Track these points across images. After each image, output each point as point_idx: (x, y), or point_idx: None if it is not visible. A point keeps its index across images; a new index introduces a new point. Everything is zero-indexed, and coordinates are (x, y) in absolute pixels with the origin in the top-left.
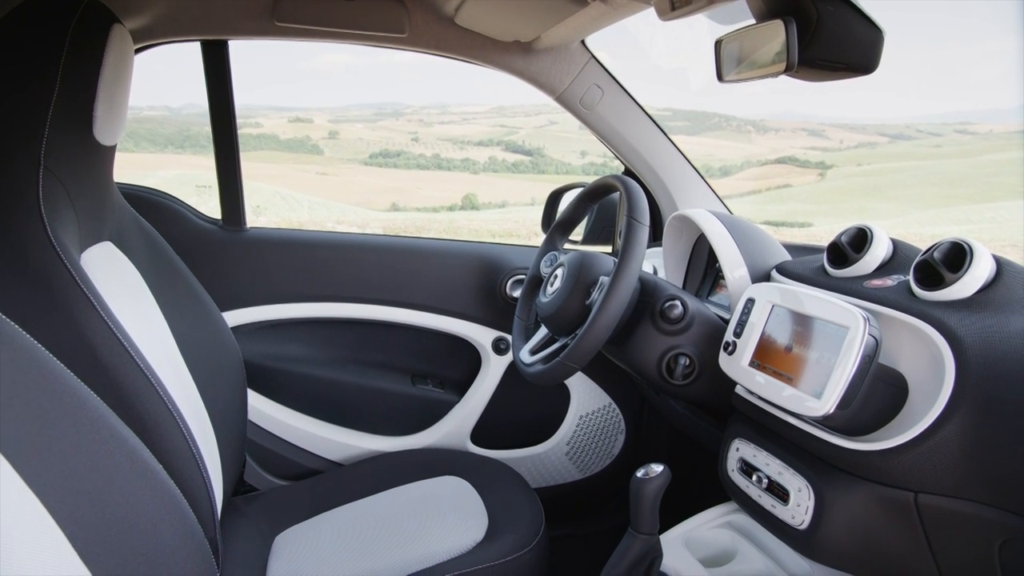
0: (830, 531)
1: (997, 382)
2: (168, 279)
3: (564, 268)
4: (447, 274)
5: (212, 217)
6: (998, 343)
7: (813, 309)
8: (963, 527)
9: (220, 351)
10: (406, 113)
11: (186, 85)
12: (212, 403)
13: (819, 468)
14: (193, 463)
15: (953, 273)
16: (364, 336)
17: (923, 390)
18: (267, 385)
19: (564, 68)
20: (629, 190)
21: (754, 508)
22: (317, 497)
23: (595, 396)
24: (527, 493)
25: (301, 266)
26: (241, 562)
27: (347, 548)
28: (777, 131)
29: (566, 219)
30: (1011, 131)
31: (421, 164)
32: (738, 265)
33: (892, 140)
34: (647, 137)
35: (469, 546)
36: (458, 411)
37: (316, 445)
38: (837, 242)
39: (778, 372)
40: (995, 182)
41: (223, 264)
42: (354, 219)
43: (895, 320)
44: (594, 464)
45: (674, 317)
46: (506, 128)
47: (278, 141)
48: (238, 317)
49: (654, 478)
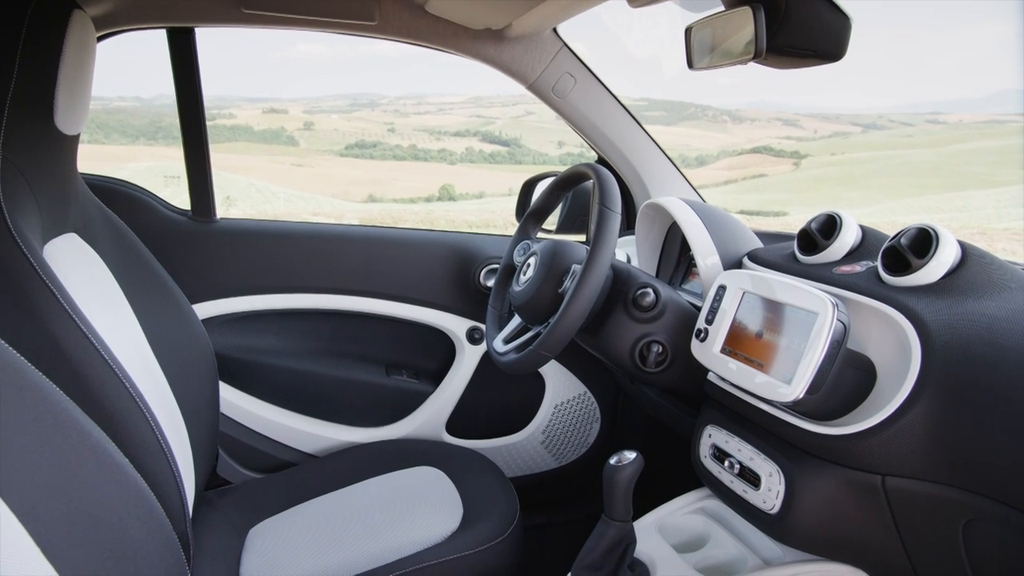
0: (800, 515)
1: (961, 366)
2: (136, 271)
3: (537, 257)
4: (421, 264)
5: (181, 208)
6: (963, 327)
7: (783, 295)
8: (929, 508)
9: (191, 344)
10: (382, 104)
11: (157, 75)
12: (183, 396)
13: (789, 453)
14: (162, 457)
15: (919, 259)
16: (337, 327)
17: (891, 374)
18: (239, 378)
19: (536, 56)
20: (601, 178)
21: (726, 494)
22: (291, 489)
23: (570, 385)
24: (502, 482)
25: (273, 257)
26: (214, 556)
27: (321, 540)
28: (752, 121)
29: (539, 208)
30: (980, 121)
31: (398, 155)
32: (710, 253)
33: (865, 130)
34: (620, 126)
35: (444, 536)
36: (433, 401)
37: (290, 437)
38: (807, 229)
39: (749, 358)
40: (964, 171)
41: (193, 256)
42: (330, 211)
43: (863, 305)
44: (570, 453)
45: (646, 305)
46: (483, 118)
47: (252, 132)
48: (209, 309)
49: (627, 465)
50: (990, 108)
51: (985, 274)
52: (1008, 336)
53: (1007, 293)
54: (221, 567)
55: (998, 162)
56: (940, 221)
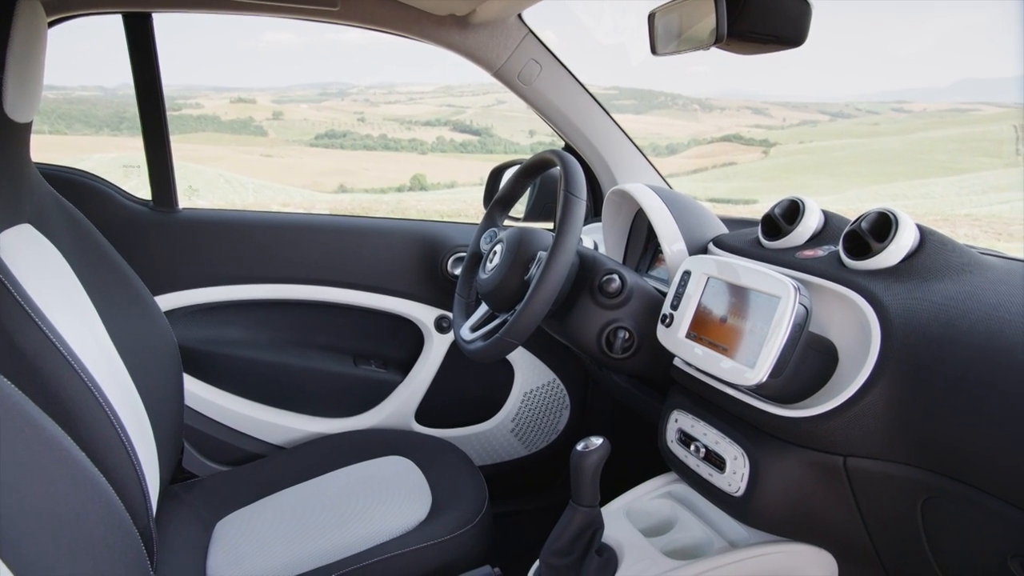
0: (764, 497)
1: (919, 348)
2: (95, 262)
3: (503, 244)
4: (387, 253)
5: (142, 198)
6: (921, 310)
7: (747, 280)
8: (888, 487)
9: (153, 336)
10: (352, 93)
11: (120, 64)
12: (146, 390)
13: (754, 436)
14: (122, 451)
15: (879, 243)
16: (304, 317)
17: (852, 357)
18: (204, 370)
19: (501, 43)
20: (565, 165)
21: (692, 477)
22: (259, 481)
23: (539, 372)
24: (471, 470)
25: (237, 247)
26: (180, 550)
27: (290, 531)
28: (722, 110)
29: (505, 195)
30: (943, 109)
31: (368, 145)
32: (676, 239)
33: (832, 118)
34: (586, 113)
35: (412, 525)
36: (402, 391)
37: (257, 429)
38: (771, 214)
39: (714, 343)
40: (929, 159)
41: (155, 247)
42: (301, 201)
43: (825, 289)
44: (539, 440)
45: (612, 291)
46: (454, 108)
47: (220, 122)
48: (172, 301)
49: (593, 451)
50: (953, 97)
51: (943, 257)
52: (963, 318)
53: (964, 276)
54: (187, 561)
55: (960, 150)
56: (905, 208)
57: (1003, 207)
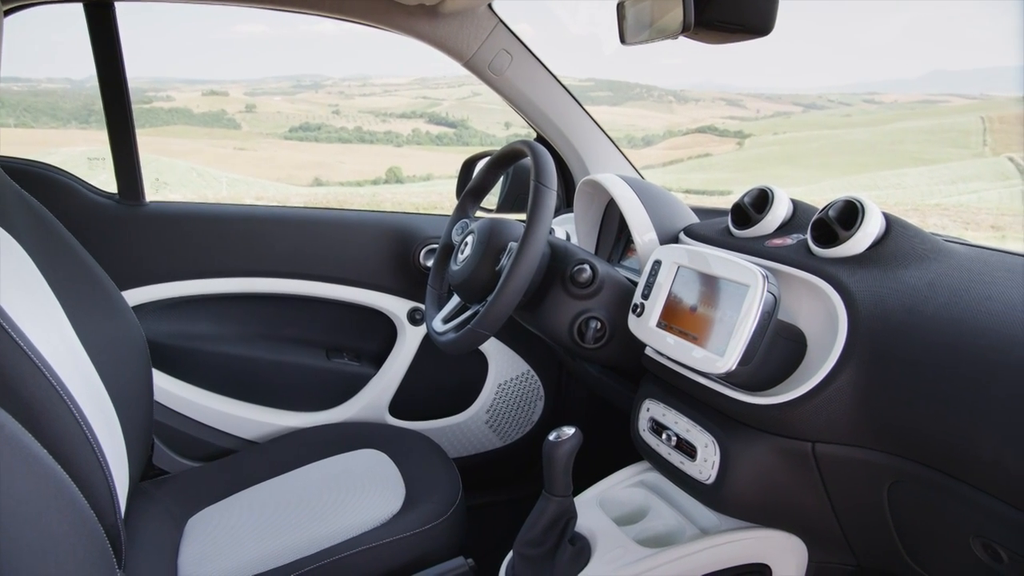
0: (734, 484)
1: (884, 334)
2: (59, 257)
3: (474, 235)
4: (360, 245)
5: (107, 191)
6: (886, 297)
7: (716, 269)
8: (856, 472)
9: (120, 331)
10: (326, 85)
11: (88, 56)
12: (114, 386)
13: (724, 424)
14: (88, 448)
15: (846, 231)
16: (275, 311)
17: (820, 344)
18: (174, 365)
19: (471, 33)
20: (536, 155)
21: (664, 466)
22: (231, 477)
23: (513, 363)
24: (444, 462)
25: (206, 240)
26: (150, 547)
27: (262, 526)
28: (697, 101)
29: (477, 186)
30: (913, 101)
31: (343, 137)
32: (647, 229)
33: (806, 109)
34: (557, 103)
35: (386, 517)
36: (375, 384)
37: (229, 424)
38: (740, 203)
39: (684, 332)
40: (900, 150)
41: (121, 240)
42: (275, 195)
43: (794, 277)
44: (514, 431)
45: (583, 281)
46: (429, 100)
47: (192, 115)
48: (140, 296)
49: (565, 441)
50: (922, 88)
51: (908, 245)
52: (927, 304)
53: (928, 263)
54: (158, 558)
55: (930, 141)
56: (877, 198)
57: (971, 197)
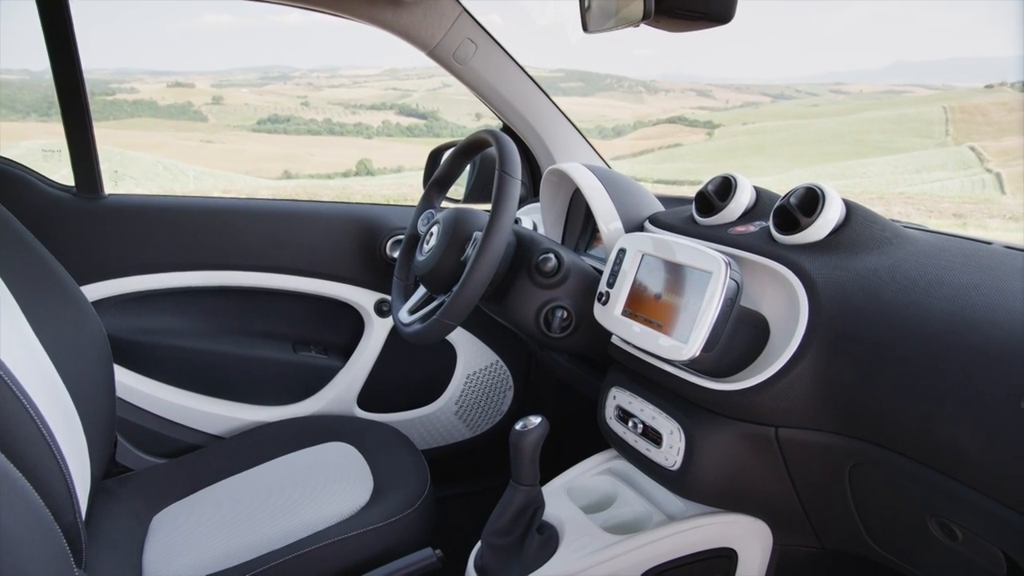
0: (700, 470)
1: (844, 319)
2: (14, 252)
3: (439, 225)
4: (325, 237)
5: (64, 184)
6: (846, 281)
7: (680, 256)
8: (818, 456)
9: (79, 326)
10: (294, 77)
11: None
12: (73, 383)
13: (689, 411)
14: (44, 447)
15: (807, 217)
16: (240, 304)
17: (782, 330)
18: (137, 360)
19: (435, 22)
20: (500, 144)
21: (631, 453)
22: (197, 473)
23: (482, 354)
24: (412, 454)
25: (167, 234)
26: (113, 546)
27: (228, 521)
28: (667, 92)
29: (442, 176)
30: (879, 91)
31: (312, 129)
32: (612, 218)
33: (774, 100)
34: (523, 92)
35: (354, 510)
36: (343, 376)
37: (194, 419)
38: (704, 191)
39: (649, 319)
40: (866, 139)
41: (79, 234)
42: (243, 188)
43: (757, 264)
44: (484, 422)
45: (548, 270)
46: (399, 91)
47: (157, 108)
48: (99, 290)
49: (532, 430)
50: (887, 79)
51: (868, 231)
52: (886, 288)
53: (888, 248)
54: (121, 557)
55: (895, 130)
56: (844, 187)
57: (934, 185)
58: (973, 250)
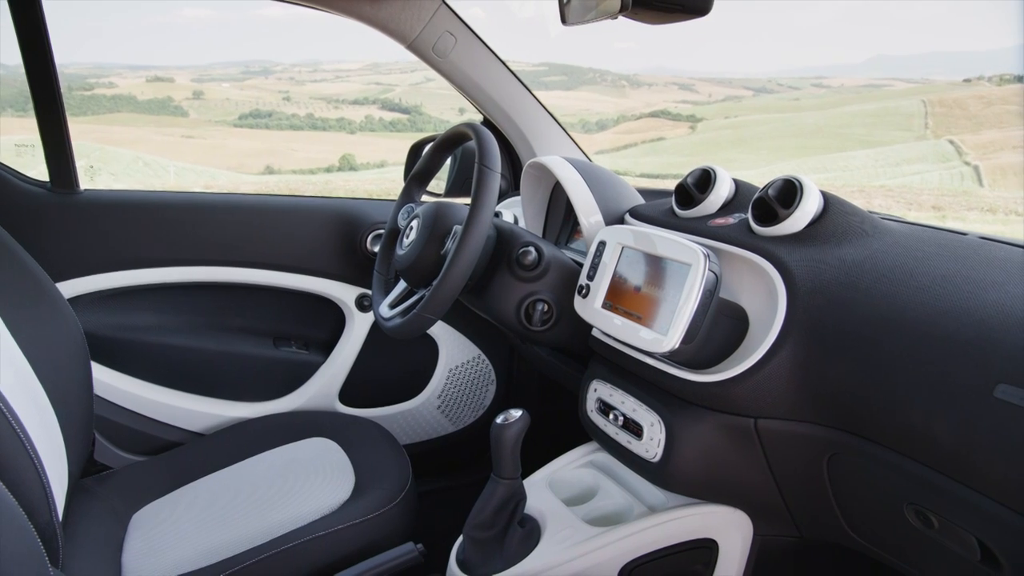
0: (680, 461)
1: (821, 309)
2: None
3: (419, 219)
4: (305, 232)
5: (39, 180)
6: (823, 272)
7: (659, 249)
8: (797, 446)
9: (56, 324)
10: (276, 71)
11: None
12: (49, 381)
13: (669, 403)
14: (18, 445)
15: (786, 209)
16: (219, 300)
17: (761, 321)
18: (115, 357)
19: (414, 14)
20: (479, 137)
21: (612, 445)
22: (176, 470)
23: (464, 348)
24: (395, 449)
25: (144, 229)
26: (91, 545)
27: (209, 519)
28: (650, 86)
29: (422, 170)
30: (859, 85)
31: (295, 124)
32: (592, 211)
33: (756, 93)
34: (503, 85)
35: (335, 505)
36: (324, 372)
37: (174, 417)
38: (684, 184)
39: (629, 312)
40: (847, 133)
41: (55, 230)
42: (225, 183)
43: (736, 256)
44: (467, 416)
45: (529, 263)
46: (382, 86)
47: (136, 103)
48: (76, 287)
49: (513, 423)
50: (867, 73)
51: (845, 222)
52: (863, 279)
53: (864, 239)
54: (99, 556)
55: (876, 124)
56: (825, 180)
57: (914, 178)
58: (949, 241)
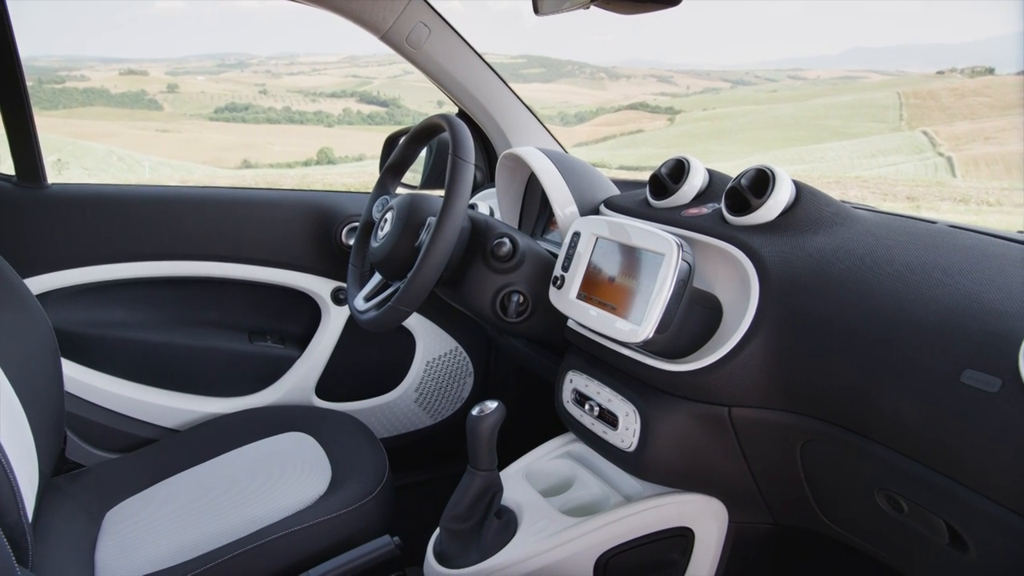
0: (655, 450)
1: (793, 297)
2: None
3: (393, 211)
4: (279, 225)
5: (4, 173)
6: (795, 261)
7: (633, 239)
8: (770, 434)
9: (23, 320)
10: (252, 64)
11: None
12: (17, 378)
13: (644, 392)
14: None
15: (758, 198)
16: (192, 294)
17: (735, 310)
18: (86, 354)
19: (387, 5)
20: (453, 128)
21: (588, 436)
22: (151, 467)
23: (441, 341)
24: (371, 442)
25: (114, 223)
26: (63, 544)
27: (184, 515)
28: (629, 78)
29: (396, 162)
30: (836, 77)
31: (272, 118)
32: (567, 202)
33: (734, 86)
34: (478, 77)
35: (311, 500)
36: (300, 366)
37: (147, 413)
38: (658, 174)
39: (603, 302)
40: (823, 125)
41: (21, 225)
42: (201, 178)
43: (709, 246)
44: (444, 409)
45: (503, 255)
46: (359, 78)
47: (109, 96)
48: (45, 283)
49: (488, 415)
50: (844, 65)
51: (817, 211)
52: (834, 266)
53: (836, 228)
54: (71, 555)
55: (852, 115)
56: (802, 171)
57: (889, 169)
58: (919, 230)
